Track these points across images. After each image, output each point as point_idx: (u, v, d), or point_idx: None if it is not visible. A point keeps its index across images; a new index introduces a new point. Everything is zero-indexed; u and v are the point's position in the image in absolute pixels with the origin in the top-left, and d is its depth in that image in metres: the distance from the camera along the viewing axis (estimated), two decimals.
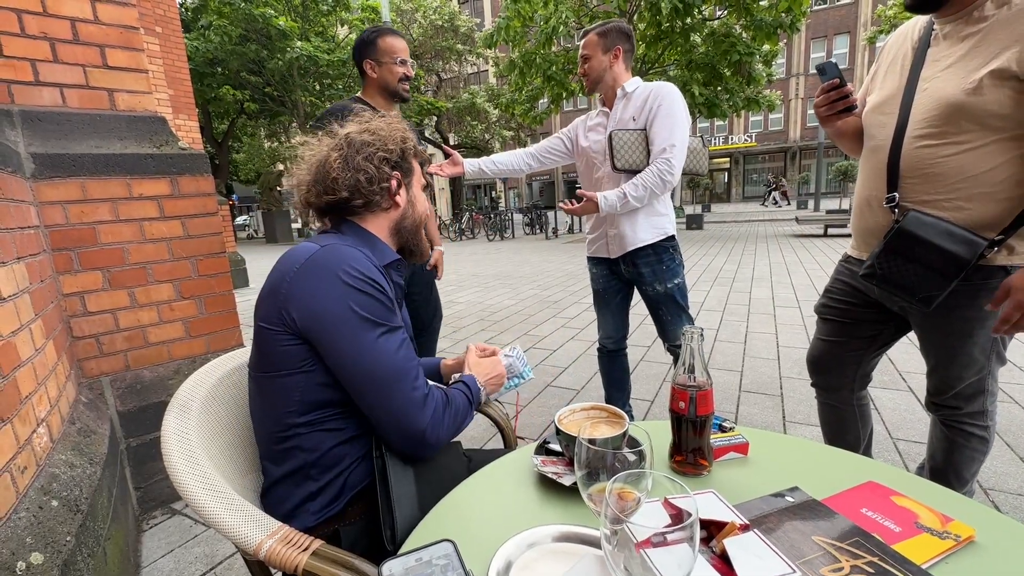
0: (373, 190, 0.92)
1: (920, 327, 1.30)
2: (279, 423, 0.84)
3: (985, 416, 1.28)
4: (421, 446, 0.84)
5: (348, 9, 16.12)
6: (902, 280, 1.16)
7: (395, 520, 0.78)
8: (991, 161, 1.05)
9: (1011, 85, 0.98)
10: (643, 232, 1.91)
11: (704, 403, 0.77)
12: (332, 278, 0.79)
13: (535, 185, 38.85)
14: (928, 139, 1.10)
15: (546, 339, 3.98)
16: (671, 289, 1.94)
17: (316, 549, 0.69)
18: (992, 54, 0.99)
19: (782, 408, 2.49)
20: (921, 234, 1.10)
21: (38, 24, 1.63)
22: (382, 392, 0.80)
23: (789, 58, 28.16)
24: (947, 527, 0.63)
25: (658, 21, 9.40)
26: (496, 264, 9.07)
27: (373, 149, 0.92)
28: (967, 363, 1.22)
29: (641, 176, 1.80)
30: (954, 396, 1.28)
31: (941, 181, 1.10)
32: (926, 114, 1.10)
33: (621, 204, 1.81)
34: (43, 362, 1.32)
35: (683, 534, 0.45)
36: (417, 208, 1.01)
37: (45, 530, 1.05)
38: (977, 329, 1.18)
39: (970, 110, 1.03)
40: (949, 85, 1.06)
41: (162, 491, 1.90)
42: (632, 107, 1.86)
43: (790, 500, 0.70)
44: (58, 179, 1.65)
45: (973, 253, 1.06)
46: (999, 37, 0.99)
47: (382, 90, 2.02)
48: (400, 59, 1.97)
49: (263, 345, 0.83)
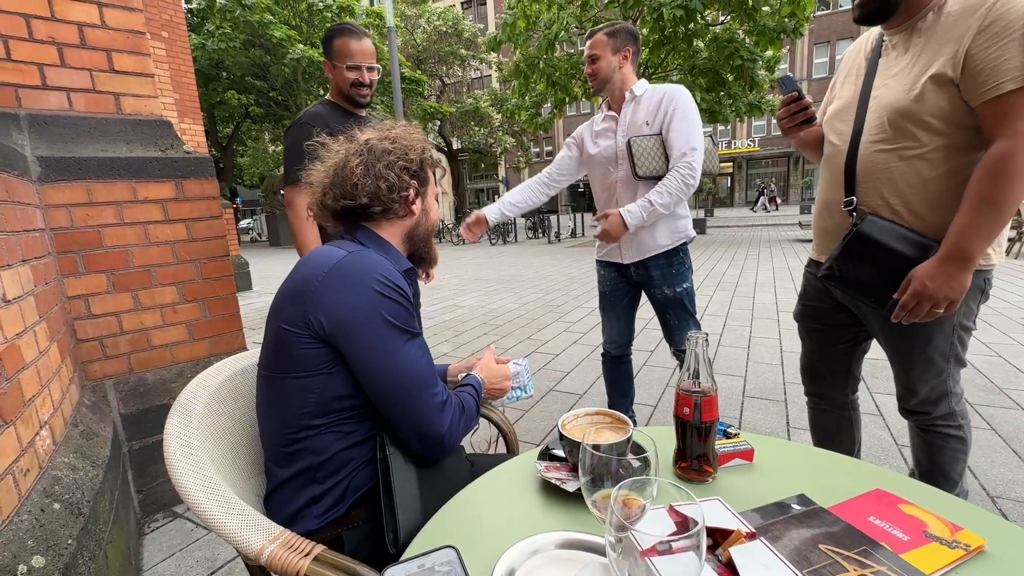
0: (393, 198, 0.93)
1: (880, 332, 1.31)
2: (291, 424, 0.84)
3: (955, 416, 1.29)
4: (439, 450, 0.86)
5: (353, 15, 16.23)
6: (858, 282, 1.20)
7: (398, 523, 0.78)
8: (938, 168, 1.09)
9: (949, 90, 1.04)
10: (662, 237, 1.90)
11: (709, 409, 0.77)
12: (363, 285, 0.80)
13: None
14: (881, 144, 1.15)
15: (549, 343, 3.97)
16: (680, 293, 1.93)
17: (318, 554, 0.68)
18: (930, 61, 1.05)
19: (786, 414, 2.47)
20: (877, 237, 1.14)
21: (46, 29, 1.64)
22: (405, 398, 0.82)
23: (792, 63, 28.17)
24: (956, 536, 0.62)
25: (661, 26, 9.43)
26: (499, 268, 9.07)
27: (394, 158, 0.93)
28: (927, 367, 1.24)
29: (664, 183, 1.78)
30: (921, 402, 1.30)
31: (894, 185, 1.15)
32: (877, 121, 1.16)
33: (648, 214, 1.79)
34: (47, 364, 1.33)
35: (689, 542, 0.44)
36: (430, 217, 1.03)
37: (47, 533, 1.04)
38: (935, 333, 1.20)
39: (915, 115, 1.08)
40: (895, 92, 1.12)
41: (163, 494, 1.90)
42: (644, 111, 1.83)
43: (796, 508, 0.70)
44: (64, 182, 1.66)
45: (926, 255, 1.10)
46: (936, 45, 1.05)
47: (340, 93, 1.92)
48: (350, 64, 1.86)
49: (282, 346, 0.83)
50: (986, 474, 1.88)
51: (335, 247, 0.87)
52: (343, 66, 1.87)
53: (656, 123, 1.81)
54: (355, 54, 1.87)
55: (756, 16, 9.42)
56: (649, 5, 9.48)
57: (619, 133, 1.89)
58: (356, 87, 1.90)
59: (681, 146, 1.77)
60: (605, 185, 1.99)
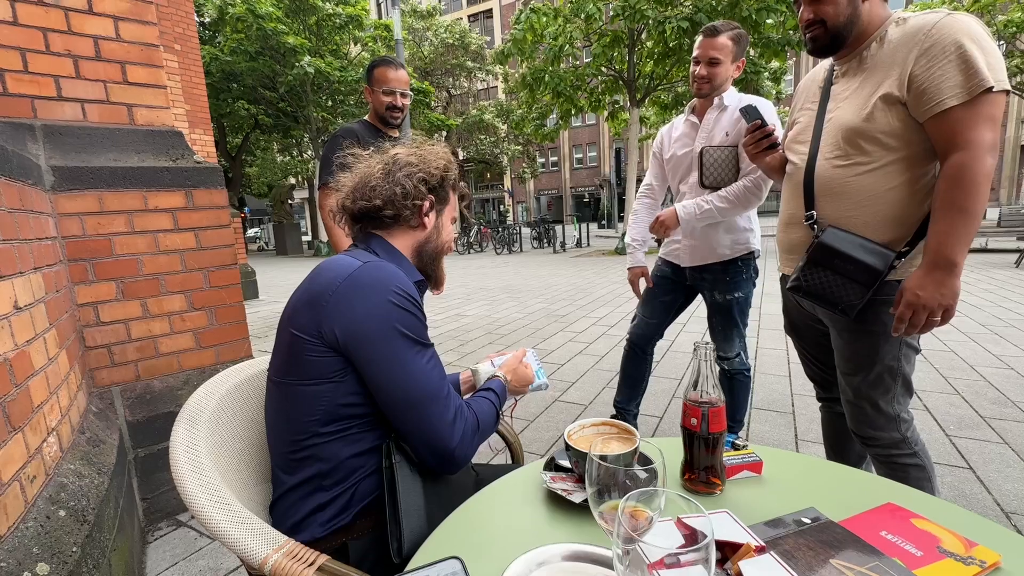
0: (406, 204, 0.95)
1: (835, 343, 1.36)
2: (299, 430, 0.84)
3: (908, 443, 1.30)
4: (450, 463, 0.85)
5: (361, 27, 16.49)
6: (824, 291, 1.24)
7: (402, 533, 0.78)
8: (890, 181, 1.16)
9: (897, 108, 1.12)
10: (722, 247, 1.88)
11: (717, 420, 0.76)
12: (377, 296, 0.81)
13: (543, 199, 39.05)
14: (836, 160, 1.23)
15: (554, 353, 3.96)
16: (729, 301, 1.92)
17: (322, 564, 0.68)
18: (877, 83, 1.15)
19: (794, 426, 2.44)
20: (838, 247, 1.20)
21: (63, 42, 1.68)
22: (416, 410, 0.82)
23: (797, 75, 28.27)
24: (971, 552, 0.61)
25: (666, 39, 9.49)
26: (504, 277, 9.08)
27: (415, 169, 0.96)
28: (875, 381, 1.27)
29: (728, 188, 1.77)
30: (868, 425, 1.31)
31: (849, 199, 1.21)
32: (833, 139, 1.24)
33: (702, 213, 1.79)
34: (56, 371, 1.34)
35: (698, 555, 0.44)
36: (442, 236, 1.04)
37: (52, 540, 1.04)
38: (882, 344, 1.24)
39: (867, 132, 1.16)
40: (848, 113, 1.21)
41: (168, 502, 1.89)
42: (726, 121, 1.81)
43: (807, 521, 0.69)
44: (76, 191, 1.69)
45: (885, 263, 1.16)
46: (882, 69, 1.15)
47: (376, 114, 2.26)
48: (386, 89, 2.19)
49: (294, 353, 0.83)
50: (1000, 489, 1.84)
51: (350, 257, 0.88)
52: (380, 91, 2.20)
53: (735, 135, 1.79)
54: (391, 81, 2.21)
55: (761, 29, 9.47)
56: (654, 18, 9.56)
57: (698, 140, 1.88)
58: (390, 110, 2.22)
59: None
60: (676, 188, 2.01)
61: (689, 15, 9.26)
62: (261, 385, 1.03)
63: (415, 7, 23.83)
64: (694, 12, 9.31)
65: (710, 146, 1.82)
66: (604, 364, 3.60)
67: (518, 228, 16.15)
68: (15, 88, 1.61)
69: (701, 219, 1.81)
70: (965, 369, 3.09)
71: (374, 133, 2.23)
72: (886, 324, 1.21)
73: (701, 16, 9.17)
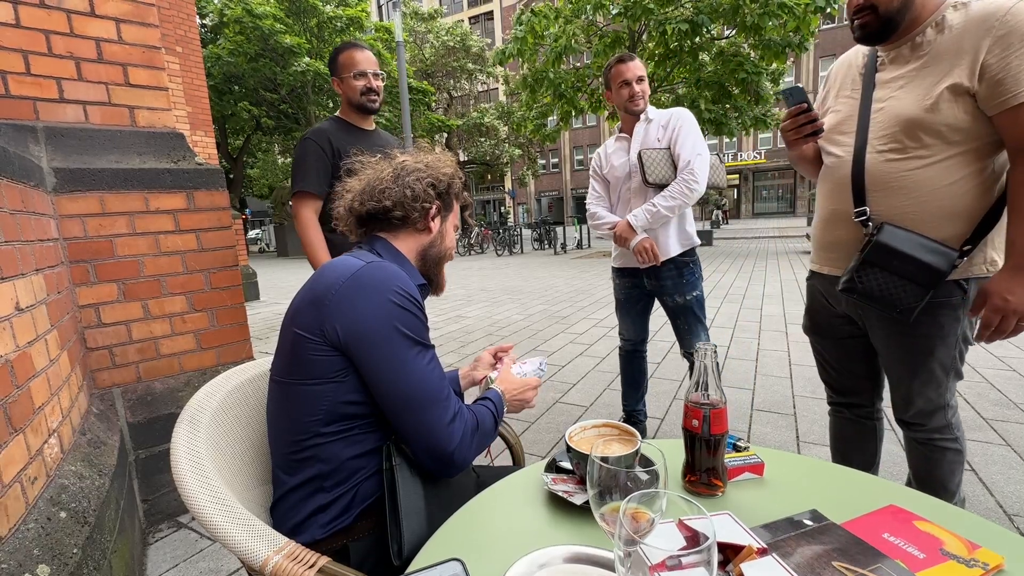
0: (414, 207, 0.97)
1: (882, 344, 1.31)
2: (302, 430, 0.84)
3: (951, 428, 1.30)
4: (449, 465, 0.85)
5: (362, 29, 16.53)
6: (881, 293, 1.18)
7: (402, 535, 0.78)
8: (952, 175, 1.10)
9: (965, 100, 1.06)
10: (673, 243, 2.05)
11: (718, 422, 0.76)
12: (379, 295, 0.82)
13: (544, 201, 39.07)
14: (891, 153, 1.16)
15: (555, 355, 3.95)
16: (690, 301, 2.07)
17: (322, 566, 0.68)
18: (943, 72, 1.08)
19: (795, 427, 2.44)
20: (897, 246, 1.13)
21: (65, 44, 1.68)
22: (415, 412, 0.82)
23: (797, 76, 28.28)
24: (974, 554, 0.61)
25: (666, 40, 9.51)
26: (504, 279, 9.08)
27: (423, 174, 0.99)
28: (927, 379, 1.24)
29: (670, 188, 1.95)
30: (917, 413, 1.30)
31: (906, 194, 1.15)
32: (886, 130, 1.17)
33: (652, 216, 1.97)
34: (57, 373, 1.34)
35: (699, 557, 0.44)
36: (445, 242, 1.06)
37: (52, 542, 1.04)
38: (938, 345, 1.21)
39: (929, 125, 1.09)
40: (907, 103, 1.13)
41: (168, 504, 1.89)
42: (654, 131, 2.04)
43: (808, 523, 0.68)
44: (78, 193, 1.69)
45: (948, 263, 1.10)
46: (945, 57, 1.08)
47: (351, 105, 2.03)
48: (357, 71, 1.97)
49: (296, 352, 0.83)
50: (1002, 491, 1.84)
51: (353, 257, 0.89)
52: (350, 75, 1.97)
53: (665, 139, 2.02)
54: (360, 62, 1.98)
55: (761, 31, 9.47)
56: (655, 20, 9.57)
57: (632, 150, 2.07)
58: (366, 94, 2.00)
59: (687, 155, 1.95)
60: (616, 198, 2.18)
61: (689, 17, 9.27)
62: (262, 387, 1.03)
63: (416, 9, 23.89)
64: (695, 14, 9.32)
65: (646, 148, 2.01)
66: (605, 365, 3.59)
67: (519, 229, 16.15)
68: (17, 90, 1.61)
69: (655, 221, 1.98)
70: (967, 371, 3.08)
71: (348, 131, 2.03)
72: (943, 326, 1.18)
73: (701, 17, 9.18)
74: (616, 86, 2.03)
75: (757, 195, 32.32)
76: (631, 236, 2.02)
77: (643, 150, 2.00)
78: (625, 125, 2.12)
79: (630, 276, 2.20)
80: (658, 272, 2.06)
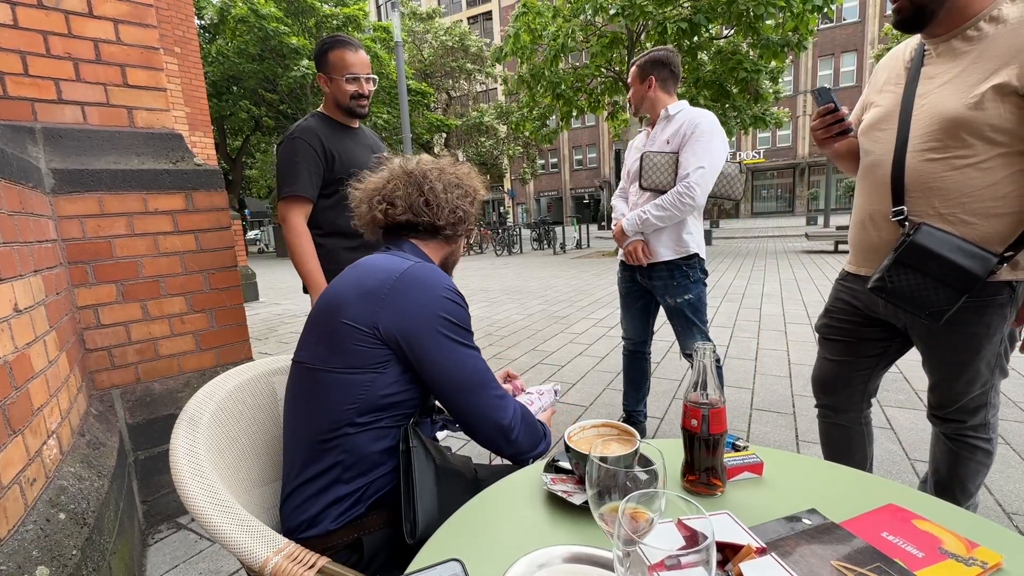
0: (458, 228, 1.04)
1: (925, 343, 1.29)
2: (333, 418, 0.85)
3: (988, 428, 1.29)
4: (506, 439, 0.91)
5: (360, 29, 16.51)
6: (912, 294, 1.15)
7: (416, 513, 0.81)
8: (994, 176, 1.06)
9: (1012, 100, 1.01)
10: (663, 249, 2.03)
11: (717, 421, 0.76)
12: (433, 292, 0.88)
13: (543, 201, 39.08)
14: (931, 152, 1.12)
15: (554, 355, 3.95)
16: (680, 304, 2.06)
17: (322, 567, 0.68)
18: (991, 70, 1.02)
19: (795, 427, 2.44)
20: (933, 248, 1.10)
21: (63, 45, 1.68)
22: (474, 394, 0.88)
23: (796, 76, 28.31)
24: (973, 553, 0.61)
25: (665, 40, 9.51)
26: (504, 279, 9.08)
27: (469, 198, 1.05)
28: (973, 378, 1.22)
29: (663, 198, 1.94)
30: (958, 410, 1.28)
31: (946, 195, 1.11)
32: (927, 128, 1.12)
33: (641, 223, 1.98)
34: (56, 374, 1.34)
35: (698, 557, 0.44)
36: (458, 252, 1.14)
37: (52, 543, 1.04)
38: (985, 345, 1.18)
39: (972, 124, 1.05)
40: (949, 100, 1.08)
41: (168, 505, 1.89)
42: (669, 130, 1.99)
43: (807, 523, 0.68)
44: (77, 194, 1.69)
45: (985, 268, 1.06)
46: (997, 53, 1.02)
47: (338, 106, 1.93)
48: (349, 76, 1.86)
49: (340, 342, 0.85)
50: (1002, 490, 1.84)
51: (394, 256, 0.94)
52: (341, 78, 1.86)
53: (675, 142, 1.96)
54: (353, 65, 1.87)
55: (760, 30, 9.48)
56: (654, 19, 9.57)
57: (645, 147, 2.07)
58: (356, 99, 1.90)
59: (687, 166, 1.90)
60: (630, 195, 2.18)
61: (687, 16, 9.27)
62: (262, 387, 1.03)
63: (415, 10, 23.88)
64: (692, 13, 9.33)
65: (650, 151, 1.99)
66: (604, 365, 3.60)
67: (518, 229, 16.15)
68: (15, 91, 1.61)
69: (644, 227, 1.99)
70: None
71: (336, 129, 1.92)
72: (990, 324, 1.15)
73: (699, 17, 9.18)
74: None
75: (756, 194, 32.35)
76: (623, 239, 2.08)
77: (646, 152, 1.99)
78: (652, 121, 2.12)
79: (629, 270, 2.23)
80: (650, 272, 2.08)
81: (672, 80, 2.03)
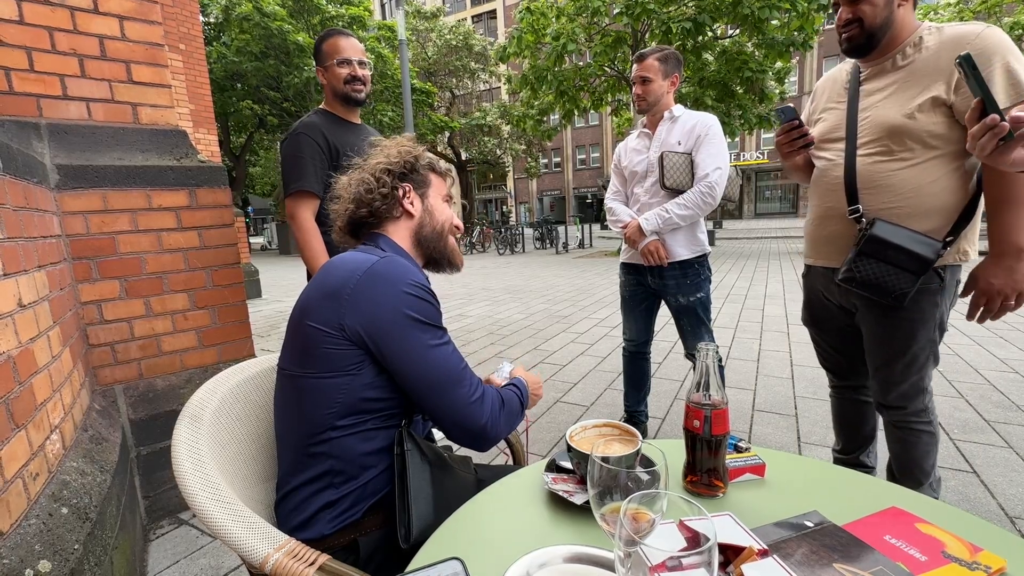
0: (373, 198, 0.98)
1: (867, 327, 1.45)
2: (316, 423, 0.84)
3: (927, 412, 1.43)
4: (483, 439, 0.89)
5: (364, 28, 16.51)
6: (877, 281, 1.31)
7: (411, 517, 0.80)
8: (932, 175, 1.25)
9: (942, 111, 1.21)
10: (680, 248, 2.05)
11: (720, 422, 0.75)
12: (395, 288, 0.84)
13: (546, 200, 39.05)
14: (878, 156, 1.31)
15: (556, 354, 3.95)
16: (693, 302, 2.07)
17: (323, 564, 0.68)
18: (923, 86, 1.23)
19: (797, 428, 2.43)
20: (889, 238, 1.26)
21: (68, 41, 1.69)
22: (443, 393, 0.86)
23: (801, 76, 28.22)
24: (976, 557, 0.60)
25: (670, 40, 9.49)
26: (506, 278, 9.08)
27: (375, 162, 1.00)
28: (911, 362, 1.37)
29: (685, 196, 1.96)
30: (899, 396, 1.42)
31: (893, 192, 1.29)
32: (873, 136, 1.31)
33: (664, 222, 1.98)
34: (59, 369, 1.34)
35: (700, 558, 0.43)
36: (436, 216, 1.05)
37: (54, 538, 1.05)
38: (919, 330, 1.34)
39: (911, 131, 1.24)
40: (891, 112, 1.28)
41: (170, 501, 1.90)
42: (677, 132, 2.01)
43: (809, 525, 0.68)
44: (81, 190, 1.69)
45: (935, 252, 1.24)
46: (925, 73, 1.23)
47: (335, 95, 1.94)
48: (340, 59, 1.88)
49: (311, 346, 0.84)
50: (1004, 493, 1.83)
51: (362, 253, 0.91)
52: (333, 63, 1.89)
53: (687, 144, 1.98)
54: (344, 49, 1.90)
55: (765, 30, 9.45)
56: (658, 18, 9.54)
57: (652, 148, 2.06)
58: (350, 83, 1.91)
59: (707, 167, 1.93)
60: (633, 196, 2.16)
61: (692, 15, 9.24)
62: (264, 384, 1.03)
63: (419, 8, 23.87)
64: (697, 13, 9.29)
65: (670, 151, 1.99)
66: (606, 365, 3.59)
67: (520, 229, 16.14)
68: (21, 87, 1.62)
69: (665, 227, 1.99)
70: (969, 373, 3.07)
71: (338, 125, 1.94)
72: (923, 310, 1.32)
73: (704, 16, 9.15)
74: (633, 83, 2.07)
75: (759, 195, 32.25)
76: (639, 238, 2.04)
77: (665, 152, 1.98)
78: (650, 121, 2.10)
79: (635, 273, 2.21)
80: (662, 271, 2.07)
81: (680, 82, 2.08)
